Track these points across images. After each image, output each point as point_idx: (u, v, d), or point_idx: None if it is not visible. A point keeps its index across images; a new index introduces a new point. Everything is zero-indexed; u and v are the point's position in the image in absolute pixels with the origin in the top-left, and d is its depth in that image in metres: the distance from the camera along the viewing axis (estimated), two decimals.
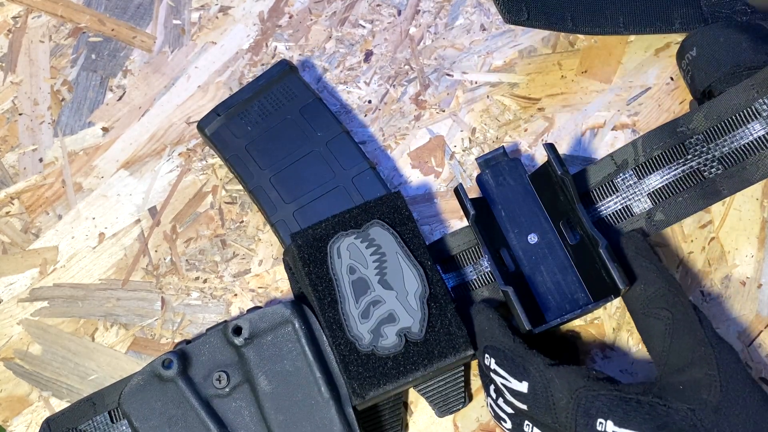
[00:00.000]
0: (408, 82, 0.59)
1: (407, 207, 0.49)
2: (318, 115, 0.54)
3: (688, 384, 0.41)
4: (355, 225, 0.48)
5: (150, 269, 0.55)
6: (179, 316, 0.53)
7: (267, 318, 0.46)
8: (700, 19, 0.53)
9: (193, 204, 0.56)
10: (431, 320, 0.46)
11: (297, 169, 0.53)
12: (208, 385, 0.45)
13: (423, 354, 0.45)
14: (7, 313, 0.54)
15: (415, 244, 0.48)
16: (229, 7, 0.61)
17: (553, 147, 0.48)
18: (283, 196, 0.52)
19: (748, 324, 0.51)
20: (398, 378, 0.45)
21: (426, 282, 0.46)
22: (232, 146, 0.54)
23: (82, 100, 0.59)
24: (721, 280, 0.51)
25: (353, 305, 0.46)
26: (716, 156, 0.48)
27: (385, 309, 0.46)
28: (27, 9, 0.62)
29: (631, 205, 0.49)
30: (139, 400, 0.45)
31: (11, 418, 0.52)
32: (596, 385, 0.41)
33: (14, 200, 0.57)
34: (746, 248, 0.52)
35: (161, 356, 0.45)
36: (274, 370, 0.45)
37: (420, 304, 0.46)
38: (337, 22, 0.61)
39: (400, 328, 0.45)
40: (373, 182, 0.52)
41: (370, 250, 0.47)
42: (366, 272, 0.47)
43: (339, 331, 0.46)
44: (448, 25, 0.60)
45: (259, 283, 0.54)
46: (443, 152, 0.56)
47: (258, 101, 0.55)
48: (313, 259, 0.47)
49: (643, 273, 0.45)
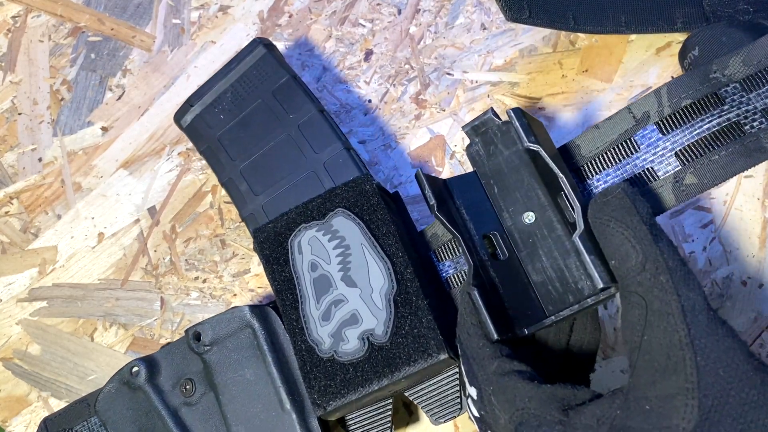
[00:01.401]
0: (408, 81, 0.58)
1: (376, 192, 0.43)
2: (291, 95, 0.48)
3: (657, 402, 0.30)
4: (318, 216, 0.43)
5: (149, 269, 0.54)
6: (179, 315, 0.53)
7: (225, 322, 0.43)
8: (702, 18, 0.53)
9: (192, 204, 0.56)
10: (398, 321, 0.40)
11: (267, 157, 0.47)
12: (176, 394, 0.43)
13: (388, 359, 0.40)
14: (6, 313, 0.54)
15: (385, 233, 0.42)
16: (228, 7, 0.61)
17: (520, 112, 0.40)
18: (253, 188, 0.47)
19: (749, 324, 0.50)
20: (360, 386, 0.40)
21: (393, 277, 0.41)
22: (206, 138, 0.49)
23: (82, 99, 0.59)
24: (722, 280, 0.51)
25: (314, 306, 0.42)
26: (758, 108, 0.40)
27: (348, 309, 0.41)
28: (26, 8, 0.62)
29: (655, 167, 0.41)
30: (112, 408, 0.44)
31: (10, 418, 0.52)
32: (541, 409, 0.33)
33: (13, 200, 0.57)
34: (747, 248, 0.52)
35: (129, 363, 0.44)
36: (235, 379, 0.42)
37: (385, 303, 0.41)
38: (337, 21, 0.60)
39: (362, 330, 0.41)
40: (347, 165, 0.46)
41: (333, 243, 0.42)
42: (328, 268, 0.42)
43: (300, 335, 0.41)
44: (449, 24, 0.60)
45: (258, 282, 0.54)
46: (443, 152, 0.56)
47: (232, 87, 0.49)
48: (274, 256, 0.43)
49: (615, 243, 0.35)
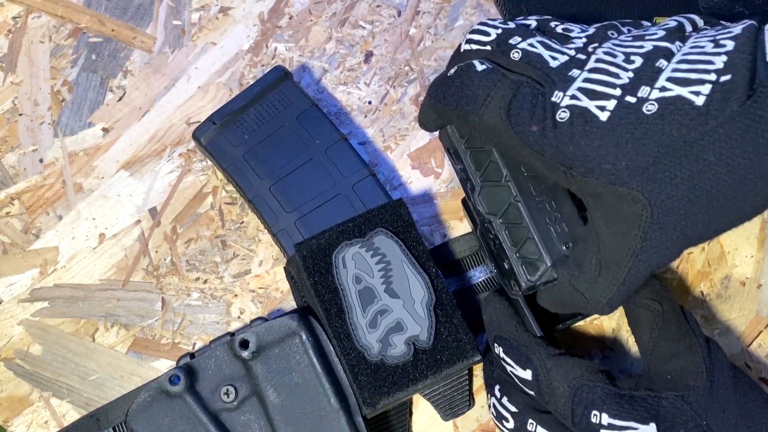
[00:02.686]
0: (408, 83, 0.59)
1: (410, 214, 0.49)
2: (316, 122, 0.54)
3: (675, 373, 0.42)
4: (358, 234, 0.48)
5: (150, 270, 0.55)
6: (179, 316, 0.53)
7: (274, 330, 0.46)
8: None
9: (193, 205, 0.56)
10: (438, 327, 0.46)
11: (296, 177, 0.52)
12: (216, 400, 0.45)
13: (432, 361, 0.45)
14: (8, 313, 0.54)
15: (419, 251, 0.48)
16: (229, 8, 0.62)
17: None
18: (284, 206, 0.52)
19: (747, 324, 0.51)
20: (408, 386, 0.45)
21: (432, 289, 0.47)
22: (229, 155, 0.53)
23: (83, 100, 0.60)
24: (721, 280, 0.51)
25: (360, 315, 0.46)
26: None
27: (393, 318, 0.46)
28: (27, 9, 0.62)
29: None
30: (147, 417, 0.45)
31: (12, 419, 0.52)
32: (593, 377, 0.42)
33: (14, 201, 0.57)
34: (746, 248, 0.52)
35: (167, 372, 0.45)
36: (283, 383, 0.45)
37: (427, 312, 0.46)
38: (337, 23, 0.61)
39: (408, 336, 0.46)
40: (374, 189, 0.52)
41: (375, 258, 0.48)
42: (372, 281, 0.47)
43: (347, 341, 0.46)
44: (448, 26, 0.60)
45: (259, 283, 0.54)
46: (443, 153, 0.56)
47: (254, 109, 0.54)
48: (317, 269, 0.47)
49: None
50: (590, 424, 0.40)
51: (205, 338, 0.53)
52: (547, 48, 0.42)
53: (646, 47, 0.40)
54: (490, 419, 0.50)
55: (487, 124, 0.41)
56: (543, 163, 0.40)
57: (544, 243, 0.43)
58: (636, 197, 0.37)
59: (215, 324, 0.53)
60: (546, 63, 0.41)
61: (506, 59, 0.42)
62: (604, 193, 0.38)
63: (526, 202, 0.44)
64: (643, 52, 0.40)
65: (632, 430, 0.40)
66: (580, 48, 0.42)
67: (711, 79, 0.37)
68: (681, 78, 0.37)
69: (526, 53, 0.41)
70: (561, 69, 0.40)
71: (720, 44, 0.38)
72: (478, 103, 0.41)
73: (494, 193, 0.45)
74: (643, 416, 0.40)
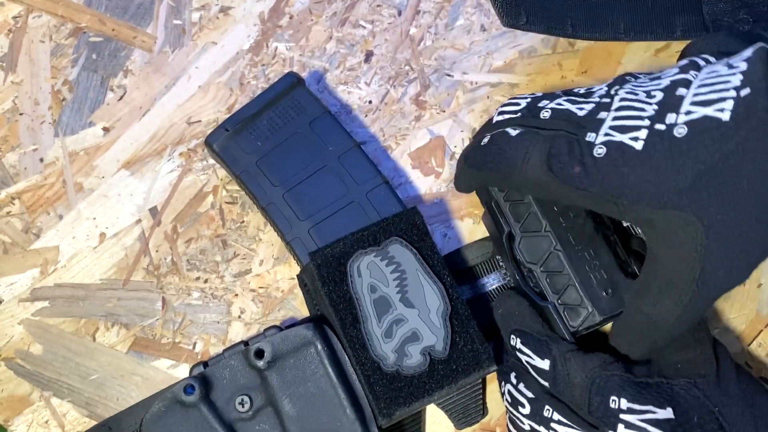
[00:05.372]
0: (408, 82, 0.59)
1: (425, 223, 0.48)
2: (329, 129, 0.53)
3: (685, 362, 0.44)
4: (373, 242, 0.48)
5: (151, 269, 0.55)
6: (180, 316, 0.54)
7: (289, 340, 0.46)
8: (701, 27, 0.53)
9: (193, 204, 0.56)
10: (454, 337, 0.46)
11: (310, 184, 0.52)
12: (230, 409, 0.45)
13: (448, 371, 0.45)
14: (8, 313, 0.54)
15: (434, 260, 0.47)
16: (229, 8, 0.62)
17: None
18: (298, 214, 0.51)
19: (747, 323, 0.51)
20: (424, 396, 0.45)
21: (447, 299, 0.46)
22: (242, 162, 0.53)
23: (83, 100, 0.60)
24: None
25: (376, 324, 0.46)
26: None
27: (408, 327, 0.46)
28: (27, 9, 0.62)
29: None
30: (161, 427, 0.45)
31: (12, 418, 0.52)
32: (610, 367, 0.43)
33: (15, 200, 0.57)
34: None
35: (182, 381, 0.45)
36: (298, 393, 0.45)
37: (442, 322, 0.46)
38: (337, 23, 0.61)
39: (424, 346, 0.45)
40: (388, 197, 0.51)
41: (390, 267, 0.47)
42: (387, 291, 0.47)
43: (362, 351, 0.45)
44: (449, 26, 0.60)
45: (260, 283, 0.54)
46: (444, 152, 0.57)
47: (266, 115, 0.53)
48: (332, 278, 0.47)
49: None
50: (609, 410, 0.42)
51: (205, 338, 0.53)
52: (573, 102, 0.44)
53: (664, 83, 0.41)
54: (491, 419, 0.50)
55: (530, 180, 0.43)
56: (592, 200, 0.41)
57: (585, 289, 0.45)
58: (688, 219, 0.38)
59: (216, 323, 0.53)
60: (574, 114, 0.43)
61: (537, 120, 0.44)
62: (656, 219, 0.39)
63: (566, 250, 0.46)
64: (662, 87, 0.41)
65: (651, 414, 0.41)
66: (603, 94, 0.43)
67: (732, 95, 0.38)
68: (704, 100, 0.39)
69: (555, 111, 0.44)
70: (589, 115, 0.42)
71: (733, 66, 0.39)
72: (518, 163, 0.43)
73: (534, 242, 0.47)
74: (660, 401, 0.41)
